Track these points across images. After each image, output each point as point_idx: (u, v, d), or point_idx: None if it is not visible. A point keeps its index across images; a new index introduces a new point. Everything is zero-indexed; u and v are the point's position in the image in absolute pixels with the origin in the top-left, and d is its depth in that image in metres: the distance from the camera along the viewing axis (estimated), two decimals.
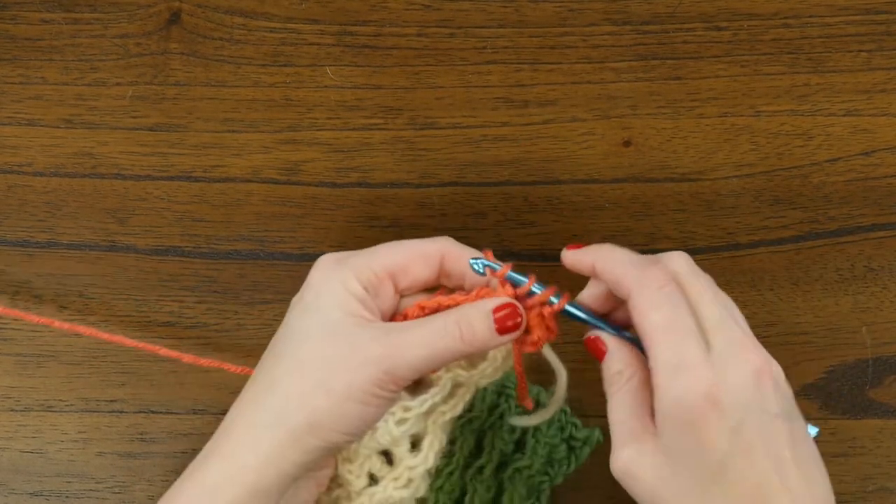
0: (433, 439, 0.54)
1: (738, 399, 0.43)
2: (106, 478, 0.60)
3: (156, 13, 0.64)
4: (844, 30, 0.63)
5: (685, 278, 0.46)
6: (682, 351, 0.44)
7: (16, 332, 0.61)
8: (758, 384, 0.44)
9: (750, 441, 0.43)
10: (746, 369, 0.44)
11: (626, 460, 0.45)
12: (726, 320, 0.45)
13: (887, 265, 0.61)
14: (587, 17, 0.63)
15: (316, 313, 0.47)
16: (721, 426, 0.43)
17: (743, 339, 0.45)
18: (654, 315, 0.45)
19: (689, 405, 0.43)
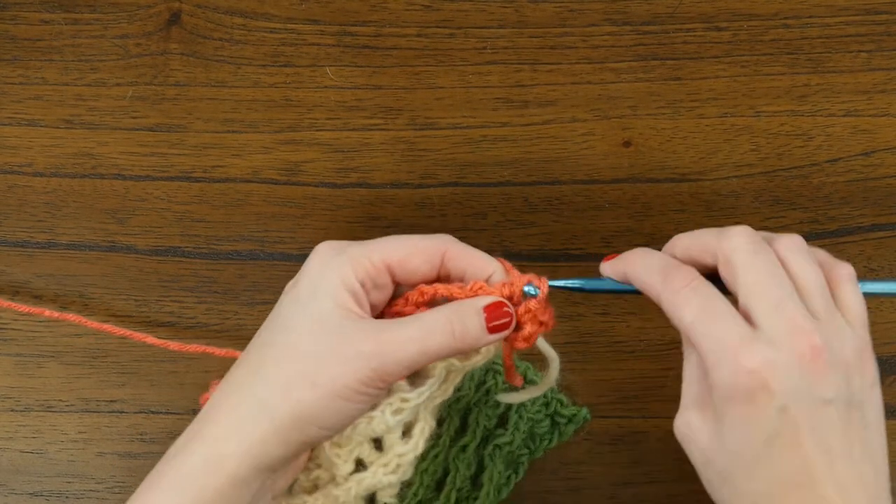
0: (424, 426, 0.54)
1: (785, 381, 0.43)
2: (106, 478, 0.59)
3: (156, 13, 0.64)
4: (844, 30, 0.63)
5: (736, 261, 0.46)
6: (721, 334, 0.44)
7: (16, 332, 0.61)
8: (807, 368, 0.43)
9: (796, 424, 0.43)
10: (796, 352, 0.43)
11: (686, 423, 0.46)
12: (780, 301, 0.44)
13: (887, 265, 0.61)
14: (587, 18, 0.63)
15: (308, 304, 0.47)
16: (768, 406, 0.43)
17: (797, 321, 0.44)
18: (685, 314, 0.45)
19: (736, 384, 0.43)
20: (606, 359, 0.60)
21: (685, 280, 0.46)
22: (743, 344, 0.43)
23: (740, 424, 0.43)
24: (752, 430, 0.43)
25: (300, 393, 0.45)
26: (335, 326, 0.46)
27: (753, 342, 0.43)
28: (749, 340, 0.43)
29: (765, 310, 0.44)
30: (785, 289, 0.45)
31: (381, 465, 0.54)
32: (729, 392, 0.43)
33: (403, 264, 0.48)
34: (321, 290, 0.47)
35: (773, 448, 0.43)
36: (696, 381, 0.46)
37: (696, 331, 0.45)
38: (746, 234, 0.46)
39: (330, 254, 0.48)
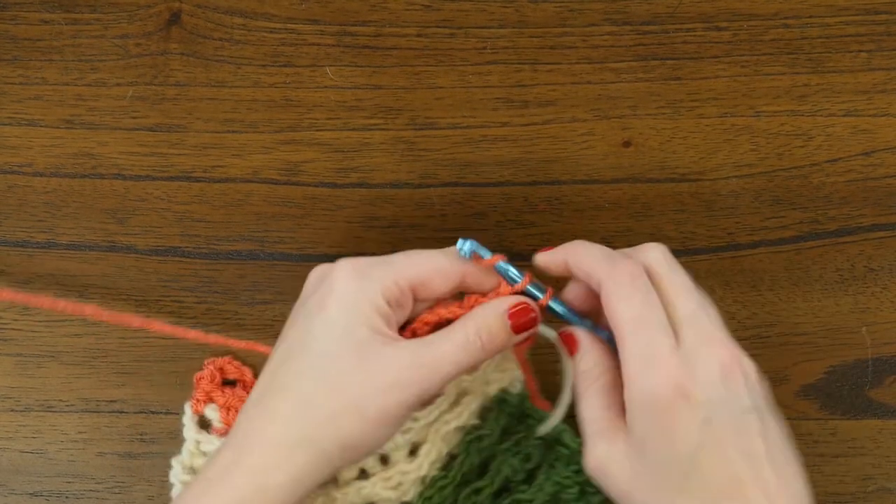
0: (431, 448, 0.54)
1: (708, 392, 0.43)
2: (106, 478, 0.60)
3: (156, 13, 0.64)
4: (844, 30, 0.63)
5: (659, 270, 0.47)
6: (651, 344, 0.44)
7: (16, 332, 0.61)
8: (727, 378, 0.44)
9: (721, 434, 0.43)
10: (715, 363, 0.44)
11: (599, 457, 0.46)
12: (698, 315, 0.45)
13: (887, 265, 0.61)
14: (587, 18, 0.63)
15: (342, 331, 0.47)
16: (691, 418, 0.43)
17: (713, 334, 0.45)
18: (623, 307, 0.45)
19: (659, 397, 0.43)
20: None
21: (632, 273, 0.46)
22: (669, 356, 0.44)
23: (664, 440, 0.43)
24: (677, 444, 0.43)
25: (349, 426, 0.46)
26: (376, 355, 0.46)
27: (676, 354, 0.44)
28: (674, 354, 0.44)
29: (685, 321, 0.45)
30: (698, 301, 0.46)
31: (383, 479, 0.54)
32: (650, 405, 0.43)
33: (426, 285, 0.48)
34: (354, 316, 0.47)
35: (699, 460, 0.43)
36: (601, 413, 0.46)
37: (630, 330, 0.45)
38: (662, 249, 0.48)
39: (355, 275, 0.48)
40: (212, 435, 0.58)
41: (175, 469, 0.57)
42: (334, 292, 0.47)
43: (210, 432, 0.58)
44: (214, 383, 0.59)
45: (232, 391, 0.59)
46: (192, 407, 0.58)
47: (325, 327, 0.47)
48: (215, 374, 0.59)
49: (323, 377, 0.46)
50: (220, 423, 0.58)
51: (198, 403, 0.58)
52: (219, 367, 0.59)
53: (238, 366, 0.60)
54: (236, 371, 0.59)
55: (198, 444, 0.58)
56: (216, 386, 0.59)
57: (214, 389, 0.59)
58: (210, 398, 0.59)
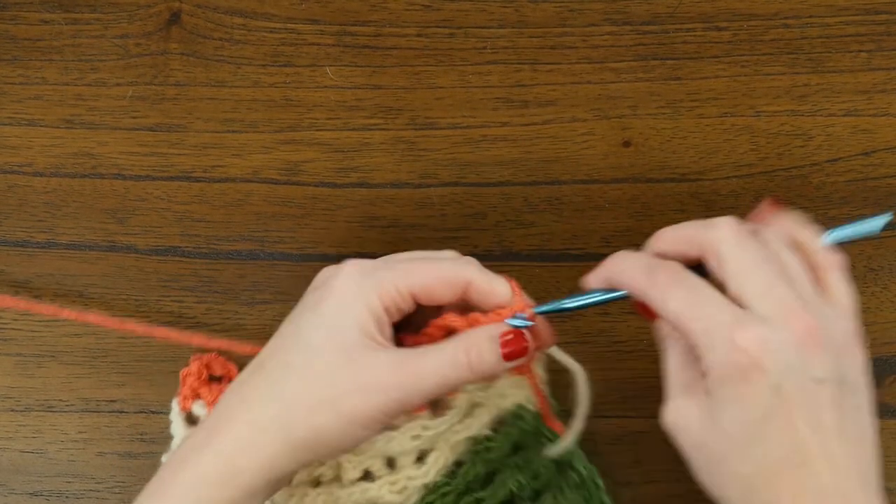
0: (439, 456, 0.54)
1: (779, 359, 0.43)
2: (106, 478, 0.60)
3: (156, 13, 0.64)
4: (844, 30, 0.63)
5: (723, 251, 0.46)
6: (711, 316, 0.44)
7: (16, 332, 0.61)
8: (801, 348, 0.43)
9: (790, 403, 0.43)
10: (789, 333, 0.43)
11: (675, 410, 0.46)
12: (770, 286, 0.44)
13: (887, 265, 0.61)
14: (587, 17, 0.63)
15: (334, 329, 0.47)
16: (761, 384, 0.43)
17: (789, 303, 0.44)
18: (671, 303, 0.45)
19: (730, 363, 0.43)
20: (606, 359, 0.60)
21: (669, 274, 0.46)
22: (735, 323, 0.43)
23: (734, 404, 0.43)
24: (747, 410, 0.43)
25: (322, 419, 0.46)
26: (360, 356, 0.47)
27: (746, 321, 0.44)
28: (741, 320, 0.44)
29: (756, 293, 0.44)
30: (775, 274, 0.45)
31: (389, 482, 0.54)
32: (723, 371, 0.43)
33: (428, 291, 0.48)
34: (348, 317, 0.47)
35: (766, 427, 0.43)
36: (681, 369, 0.46)
37: (685, 316, 0.45)
38: (732, 224, 0.46)
39: (358, 279, 0.48)
40: None
41: None
42: (333, 292, 0.48)
43: None
44: (201, 380, 0.59)
45: (219, 387, 0.59)
46: (179, 403, 0.58)
47: (318, 324, 0.47)
48: (202, 371, 0.59)
49: (305, 370, 0.47)
50: None
51: (185, 400, 0.58)
52: (205, 363, 0.59)
53: (224, 362, 0.60)
54: (222, 367, 0.59)
55: None
56: (203, 382, 0.59)
57: (201, 386, 0.59)
58: (197, 394, 0.59)
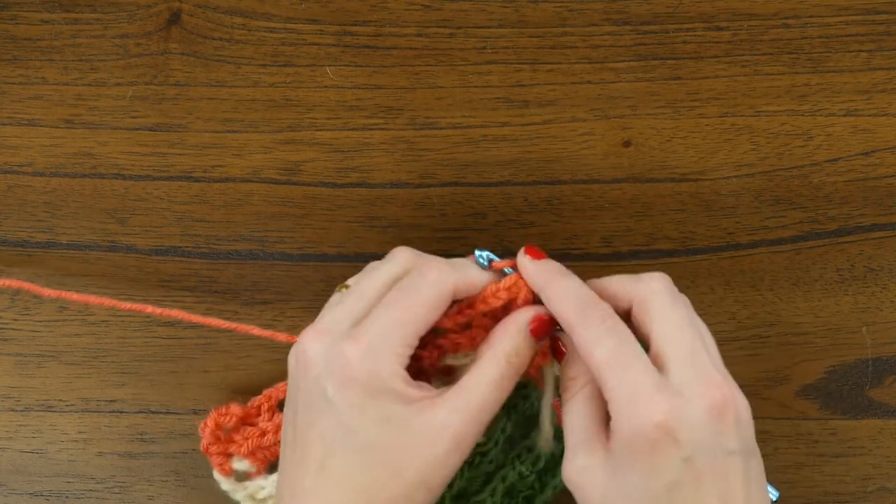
0: None
1: (694, 431, 0.43)
2: (106, 478, 0.60)
3: (156, 13, 0.64)
4: (844, 30, 0.63)
5: (654, 304, 0.46)
6: (633, 380, 0.44)
7: (16, 332, 0.61)
8: (715, 419, 0.43)
9: (700, 474, 0.43)
10: (705, 402, 0.43)
11: (577, 469, 0.45)
12: (692, 351, 0.45)
13: (887, 265, 0.61)
14: (587, 17, 0.63)
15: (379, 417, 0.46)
16: (673, 455, 0.42)
17: (707, 371, 0.44)
18: (598, 351, 0.45)
19: (643, 433, 0.43)
20: None
21: (602, 317, 0.46)
22: (654, 392, 0.43)
23: (642, 471, 0.43)
24: (654, 479, 0.43)
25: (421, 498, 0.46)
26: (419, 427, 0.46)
27: (663, 391, 0.43)
28: (659, 389, 0.43)
29: (678, 357, 0.44)
30: (696, 338, 0.45)
31: None
32: (633, 440, 0.43)
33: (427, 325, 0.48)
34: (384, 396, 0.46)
35: (674, 497, 0.43)
36: (584, 423, 0.46)
37: (608, 371, 0.44)
38: (664, 280, 0.47)
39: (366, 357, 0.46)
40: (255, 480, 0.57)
41: None
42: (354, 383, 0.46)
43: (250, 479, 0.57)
44: (222, 441, 0.57)
45: (243, 433, 0.57)
46: (220, 473, 0.57)
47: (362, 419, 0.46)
48: (217, 433, 0.57)
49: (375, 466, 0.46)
50: (253, 467, 0.57)
51: (223, 467, 0.56)
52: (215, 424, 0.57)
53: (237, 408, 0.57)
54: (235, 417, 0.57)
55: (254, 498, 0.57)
56: (226, 441, 0.57)
57: (228, 445, 0.57)
58: (228, 454, 0.57)
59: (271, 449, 0.56)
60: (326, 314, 0.50)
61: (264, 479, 0.56)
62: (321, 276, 0.61)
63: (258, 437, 0.56)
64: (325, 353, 0.47)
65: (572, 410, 0.47)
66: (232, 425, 0.57)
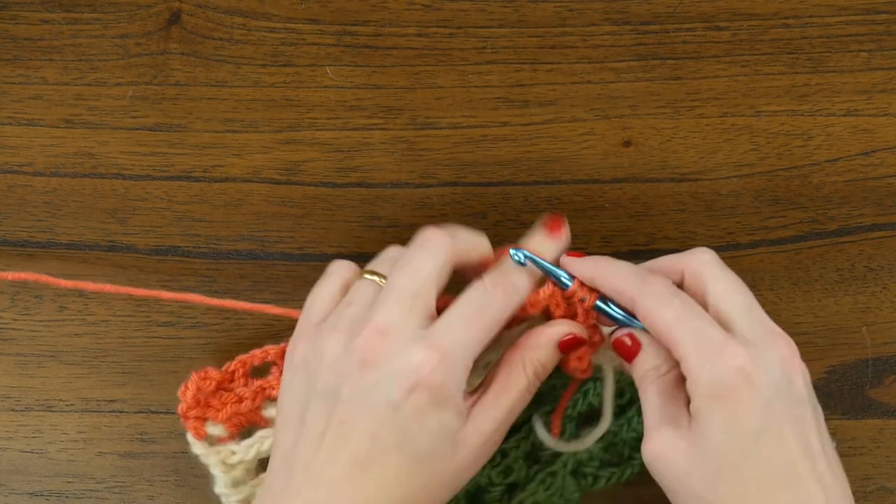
0: None
1: (771, 378, 0.44)
2: (106, 478, 0.60)
3: (156, 13, 0.64)
4: (844, 30, 0.63)
5: (707, 272, 0.47)
6: (705, 334, 0.45)
7: (16, 332, 0.61)
8: (787, 369, 0.44)
9: (780, 420, 0.43)
10: (777, 351, 0.45)
11: (660, 441, 0.46)
12: (753, 307, 0.46)
13: (887, 265, 0.61)
14: (587, 17, 0.63)
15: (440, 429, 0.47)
16: (754, 401, 0.43)
17: (771, 325, 0.46)
18: (666, 312, 0.46)
19: (723, 380, 0.44)
20: None
21: (663, 283, 0.47)
22: (726, 341, 0.44)
23: (726, 423, 0.44)
24: (740, 427, 0.43)
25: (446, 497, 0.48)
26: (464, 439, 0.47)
27: (734, 341, 0.44)
28: (731, 339, 0.45)
29: (740, 314, 0.46)
30: (752, 297, 0.47)
31: None
32: (715, 389, 0.44)
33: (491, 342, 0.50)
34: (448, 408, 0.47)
35: (759, 445, 0.43)
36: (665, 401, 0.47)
37: (679, 328, 0.45)
38: (712, 252, 0.49)
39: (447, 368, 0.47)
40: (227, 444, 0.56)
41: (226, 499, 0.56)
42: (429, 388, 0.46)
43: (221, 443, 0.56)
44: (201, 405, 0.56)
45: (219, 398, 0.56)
46: (194, 437, 0.56)
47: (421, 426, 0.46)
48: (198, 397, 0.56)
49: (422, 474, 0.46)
50: (226, 432, 0.56)
51: (198, 431, 0.56)
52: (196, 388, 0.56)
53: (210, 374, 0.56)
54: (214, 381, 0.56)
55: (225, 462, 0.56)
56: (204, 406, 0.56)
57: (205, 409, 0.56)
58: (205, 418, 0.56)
59: (247, 416, 0.56)
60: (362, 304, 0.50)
61: (236, 444, 0.56)
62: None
63: (236, 404, 0.56)
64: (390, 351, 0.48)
65: (653, 392, 0.47)
66: (210, 390, 0.56)
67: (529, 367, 0.49)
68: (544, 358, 0.49)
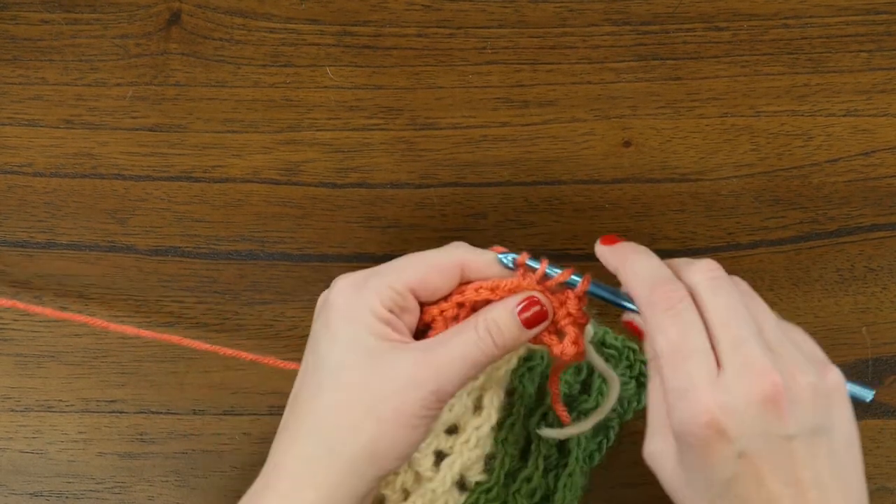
0: (493, 395, 0.55)
1: (745, 424, 0.42)
2: (106, 478, 0.60)
3: (156, 13, 0.64)
4: (844, 30, 0.63)
5: (704, 293, 0.45)
6: (686, 375, 0.43)
7: (16, 332, 0.61)
8: (768, 408, 0.43)
9: (758, 465, 0.42)
10: (753, 394, 0.43)
11: (652, 451, 0.46)
12: (738, 340, 0.44)
13: (887, 265, 0.61)
14: (587, 17, 0.63)
15: (350, 342, 0.47)
16: (725, 453, 0.42)
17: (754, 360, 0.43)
18: (659, 339, 0.44)
19: (693, 432, 0.43)
20: None
21: (670, 301, 0.45)
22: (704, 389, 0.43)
23: (699, 466, 0.43)
24: (711, 473, 0.43)
25: (367, 431, 0.46)
26: (384, 358, 0.46)
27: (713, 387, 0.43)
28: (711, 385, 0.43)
29: (727, 348, 0.44)
30: (744, 323, 0.45)
31: (463, 443, 0.54)
32: (686, 436, 0.43)
33: (424, 284, 0.48)
34: (358, 326, 0.47)
35: (734, 488, 0.43)
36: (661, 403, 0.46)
37: (664, 363, 0.44)
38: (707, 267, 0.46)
39: (350, 290, 0.48)
40: None
41: None
42: (334, 309, 0.47)
43: None
44: None
45: None
46: None
47: (332, 343, 0.47)
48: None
49: (336, 389, 0.46)
50: None
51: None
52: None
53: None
54: None
55: None
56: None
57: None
58: None
59: None
60: None
61: None
62: (321, 276, 0.61)
63: None
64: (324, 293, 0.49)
65: (654, 390, 0.46)
66: None
67: (482, 322, 0.47)
68: (499, 318, 0.47)
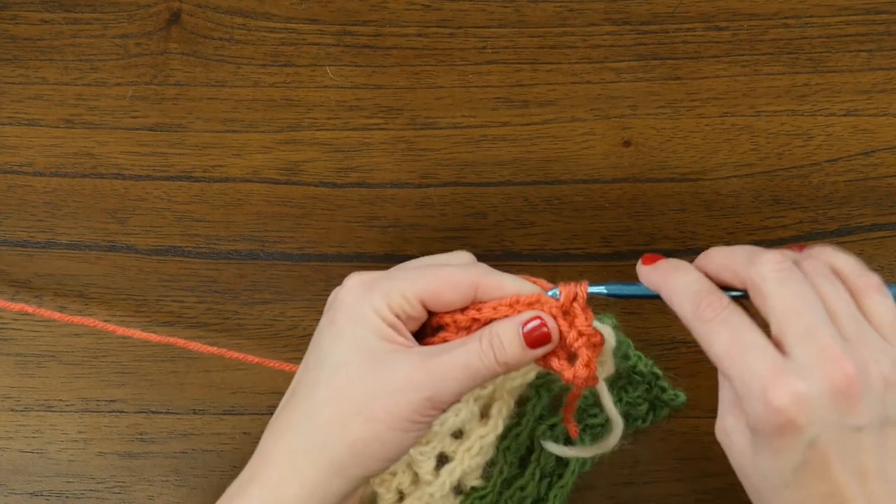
0: (501, 405, 0.54)
1: (814, 415, 0.42)
2: (106, 478, 0.60)
3: (156, 13, 0.64)
4: (844, 30, 0.63)
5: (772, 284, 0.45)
6: (750, 369, 0.43)
7: (16, 332, 0.61)
8: (839, 399, 0.42)
9: (825, 455, 0.42)
10: (826, 382, 0.42)
11: (723, 429, 0.46)
12: (810, 328, 0.43)
13: (887, 265, 0.61)
14: (587, 17, 0.63)
15: (352, 340, 0.47)
16: (794, 442, 0.42)
17: (829, 349, 0.43)
18: (714, 345, 0.45)
19: (764, 420, 0.43)
20: None
21: (715, 310, 0.45)
22: (772, 377, 0.43)
23: (768, 453, 0.43)
24: (780, 461, 0.43)
25: (357, 430, 0.45)
26: (383, 360, 0.46)
27: (783, 375, 0.43)
28: (779, 372, 0.43)
29: (795, 338, 0.43)
30: (816, 315, 0.44)
31: (466, 450, 0.54)
32: (757, 425, 0.43)
33: (436, 297, 0.48)
34: (363, 326, 0.47)
35: (801, 476, 0.43)
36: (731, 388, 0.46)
37: (726, 363, 0.44)
38: (774, 259, 0.45)
39: (360, 290, 0.48)
40: None
41: None
42: (342, 306, 0.47)
43: None
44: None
45: None
46: None
47: (335, 340, 0.47)
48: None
49: (332, 386, 0.46)
50: None
51: None
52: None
53: None
54: None
55: None
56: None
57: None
58: None
59: None
60: None
61: None
62: (321, 276, 0.61)
63: None
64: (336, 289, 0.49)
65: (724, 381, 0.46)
66: None
67: (486, 335, 0.47)
68: (503, 334, 0.47)
